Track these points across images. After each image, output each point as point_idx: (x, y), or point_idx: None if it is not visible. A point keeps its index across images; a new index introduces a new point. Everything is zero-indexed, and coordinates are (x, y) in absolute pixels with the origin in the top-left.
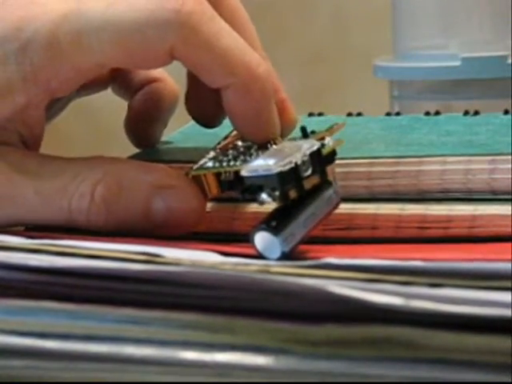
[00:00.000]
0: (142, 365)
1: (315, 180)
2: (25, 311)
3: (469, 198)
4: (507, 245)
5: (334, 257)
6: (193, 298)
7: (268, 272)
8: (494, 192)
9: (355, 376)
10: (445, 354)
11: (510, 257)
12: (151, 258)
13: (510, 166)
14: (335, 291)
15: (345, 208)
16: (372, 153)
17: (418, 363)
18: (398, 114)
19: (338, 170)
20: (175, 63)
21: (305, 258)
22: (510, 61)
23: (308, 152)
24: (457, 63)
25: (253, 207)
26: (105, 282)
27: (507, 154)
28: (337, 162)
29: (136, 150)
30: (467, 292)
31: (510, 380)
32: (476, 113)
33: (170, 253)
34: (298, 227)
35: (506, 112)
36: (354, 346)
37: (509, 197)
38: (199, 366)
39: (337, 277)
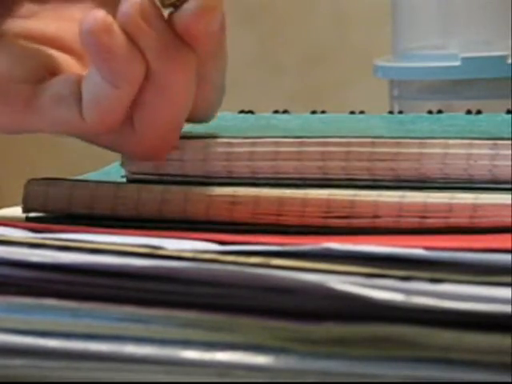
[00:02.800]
0: (142, 364)
1: None
2: (26, 309)
3: (470, 187)
4: (508, 236)
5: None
6: (194, 296)
7: (268, 265)
8: (495, 179)
9: (355, 375)
10: (445, 354)
11: (510, 247)
12: (153, 251)
13: (511, 151)
14: (336, 287)
15: (346, 194)
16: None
17: (418, 362)
18: (400, 113)
19: (339, 149)
20: None
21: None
22: (510, 61)
23: None
24: (457, 63)
25: (253, 191)
26: (107, 279)
27: (508, 139)
28: (338, 140)
29: None
30: (468, 288)
31: (510, 380)
32: (478, 112)
33: (172, 245)
34: None
35: (508, 112)
36: (354, 345)
37: (509, 186)
38: (200, 365)
39: (338, 271)
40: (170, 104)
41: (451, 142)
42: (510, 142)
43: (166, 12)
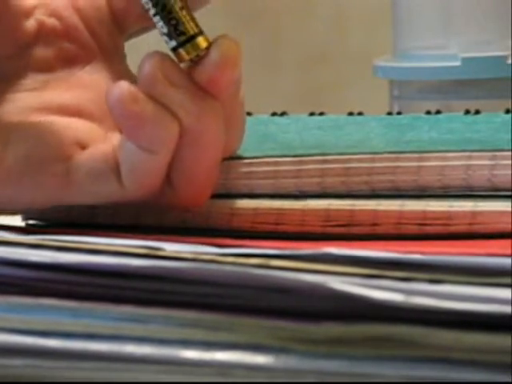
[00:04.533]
0: (142, 364)
1: None
2: (26, 309)
3: (469, 194)
4: (507, 241)
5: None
6: (193, 296)
7: (268, 266)
8: (494, 188)
9: (355, 375)
10: (445, 353)
11: (510, 252)
12: (152, 252)
13: (510, 162)
14: (335, 287)
15: (345, 204)
16: (372, 149)
17: (417, 362)
18: (399, 113)
19: (338, 165)
20: None
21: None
22: (510, 61)
23: None
24: (457, 63)
25: (252, 203)
26: (106, 279)
27: (508, 150)
28: (337, 157)
29: None
30: (467, 288)
31: (510, 380)
32: (477, 112)
33: (171, 246)
34: None
35: (507, 112)
36: (353, 345)
37: (509, 193)
38: (199, 365)
39: (337, 272)
40: (205, 156)
41: (450, 155)
42: (509, 153)
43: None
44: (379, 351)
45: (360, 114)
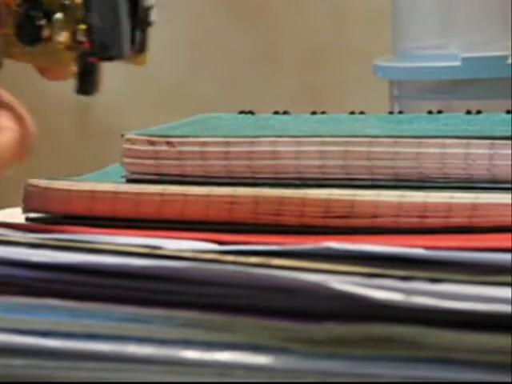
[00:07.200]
0: (143, 364)
1: None
2: (27, 309)
3: (469, 186)
4: (507, 235)
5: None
6: (194, 296)
7: (269, 265)
8: (494, 178)
9: (355, 375)
10: (445, 354)
11: (509, 246)
12: (153, 251)
13: (509, 151)
14: (336, 287)
15: (346, 194)
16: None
17: (418, 362)
18: (400, 113)
19: (336, 148)
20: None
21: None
22: (510, 61)
23: None
24: (457, 63)
25: (253, 191)
26: (107, 279)
27: (507, 138)
28: (335, 139)
29: None
30: (468, 287)
31: (510, 380)
32: (478, 112)
33: (172, 245)
34: None
35: (508, 112)
36: (354, 345)
37: (509, 186)
38: (200, 365)
39: (338, 271)
40: None
41: (448, 141)
42: (507, 141)
43: None
44: (379, 351)
45: (361, 113)
